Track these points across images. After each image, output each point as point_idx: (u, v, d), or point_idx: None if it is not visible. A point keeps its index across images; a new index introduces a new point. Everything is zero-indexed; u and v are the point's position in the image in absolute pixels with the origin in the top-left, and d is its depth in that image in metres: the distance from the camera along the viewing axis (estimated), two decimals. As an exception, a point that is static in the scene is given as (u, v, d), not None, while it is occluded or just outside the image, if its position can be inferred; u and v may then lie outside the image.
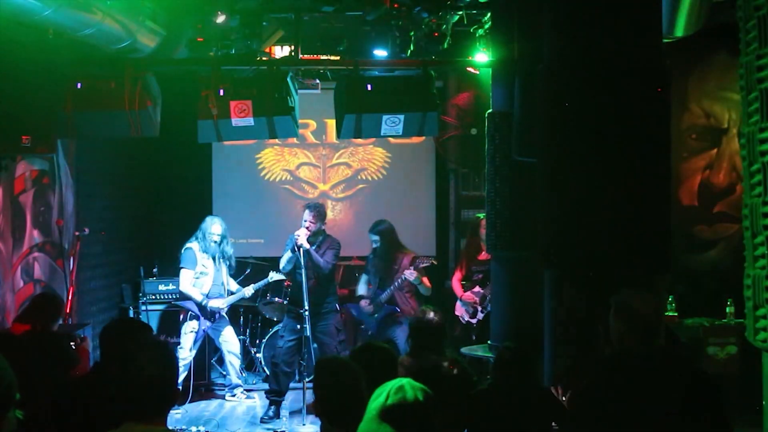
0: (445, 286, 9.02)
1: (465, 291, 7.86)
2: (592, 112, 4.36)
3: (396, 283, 7.59)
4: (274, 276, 8.13)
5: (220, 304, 7.77)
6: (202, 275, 7.74)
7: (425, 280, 7.65)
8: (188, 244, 7.81)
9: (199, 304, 7.67)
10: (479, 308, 7.73)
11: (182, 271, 7.72)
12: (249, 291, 8.13)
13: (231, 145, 9.09)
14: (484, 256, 7.79)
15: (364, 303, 7.79)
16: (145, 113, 6.08)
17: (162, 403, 2.63)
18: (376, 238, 7.73)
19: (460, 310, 7.93)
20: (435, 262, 7.86)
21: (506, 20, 6.20)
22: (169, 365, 2.67)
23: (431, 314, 4.70)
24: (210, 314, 7.75)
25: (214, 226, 7.79)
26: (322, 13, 6.55)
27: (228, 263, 7.97)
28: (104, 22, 5.60)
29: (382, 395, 2.72)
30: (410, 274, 7.48)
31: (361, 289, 7.99)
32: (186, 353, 7.61)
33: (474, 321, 7.78)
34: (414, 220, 9.61)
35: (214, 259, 7.82)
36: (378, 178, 9.80)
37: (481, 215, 7.81)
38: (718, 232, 7.91)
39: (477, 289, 7.79)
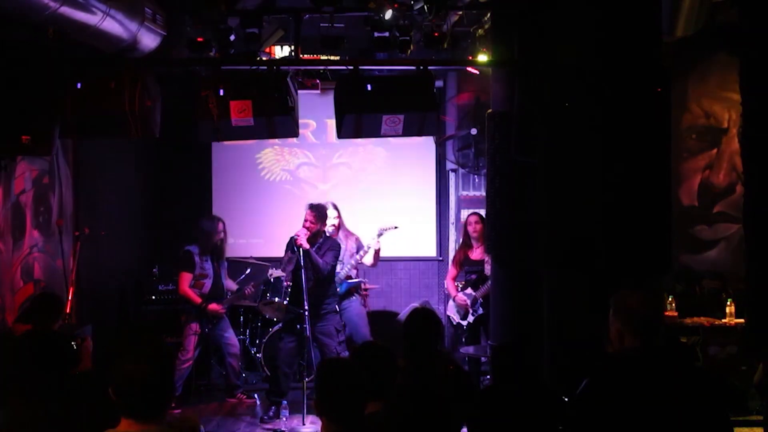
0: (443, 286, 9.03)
1: (459, 291, 7.90)
2: (592, 112, 4.37)
3: (353, 260, 7.93)
4: (273, 273, 8.12)
5: (219, 309, 7.76)
6: (202, 277, 7.73)
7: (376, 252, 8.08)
8: (188, 246, 7.79)
9: (197, 307, 7.66)
10: (470, 311, 7.77)
11: (181, 274, 7.71)
12: (249, 290, 8.15)
13: (231, 145, 9.09)
14: (477, 255, 7.82)
15: None
16: (145, 113, 6.06)
17: (159, 403, 2.63)
18: (335, 219, 7.92)
19: (451, 311, 7.99)
20: (396, 227, 8.25)
21: (506, 20, 6.20)
22: (165, 365, 2.67)
23: (425, 313, 4.66)
24: (210, 315, 7.75)
25: (218, 226, 7.80)
26: (322, 13, 6.54)
27: (224, 263, 7.99)
28: (104, 22, 5.61)
29: None
30: (375, 243, 7.95)
31: None
32: (189, 355, 7.62)
33: (465, 323, 7.82)
34: (414, 220, 9.60)
35: (213, 259, 7.82)
36: (378, 179, 9.78)
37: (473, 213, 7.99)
38: (718, 232, 7.92)
39: (469, 291, 7.82)
